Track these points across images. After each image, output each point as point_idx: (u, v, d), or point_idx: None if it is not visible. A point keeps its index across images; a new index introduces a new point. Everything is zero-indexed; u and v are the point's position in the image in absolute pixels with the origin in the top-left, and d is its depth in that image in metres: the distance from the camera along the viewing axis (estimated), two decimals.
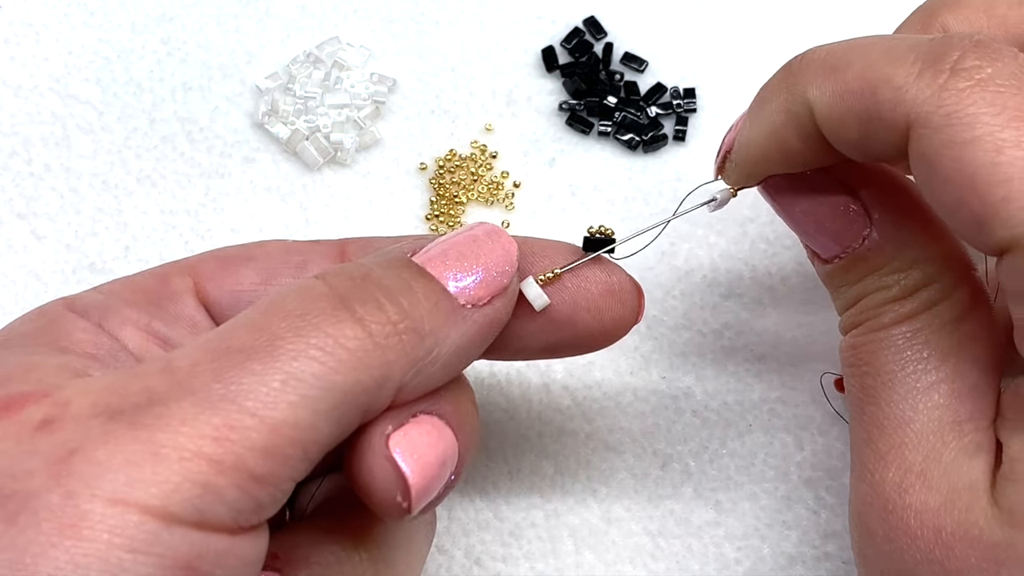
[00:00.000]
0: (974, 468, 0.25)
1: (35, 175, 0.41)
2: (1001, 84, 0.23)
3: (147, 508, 0.20)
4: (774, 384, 0.37)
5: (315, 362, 0.22)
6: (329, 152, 0.41)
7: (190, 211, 0.40)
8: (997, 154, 0.22)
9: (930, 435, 0.25)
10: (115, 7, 0.44)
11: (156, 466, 0.20)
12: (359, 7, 0.44)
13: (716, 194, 0.29)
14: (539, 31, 0.44)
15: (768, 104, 0.27)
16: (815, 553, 0.35)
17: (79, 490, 0.20)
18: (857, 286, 0.28)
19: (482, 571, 0.35)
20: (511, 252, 0.27)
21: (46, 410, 0.22)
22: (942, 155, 0.23)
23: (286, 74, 0.43)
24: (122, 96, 0.42)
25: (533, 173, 0.41)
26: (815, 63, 0.26)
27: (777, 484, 0.36)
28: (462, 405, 0.26)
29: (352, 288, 0.24)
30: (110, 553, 0.20)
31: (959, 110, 0.22)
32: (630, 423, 0.37)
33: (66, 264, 0.40)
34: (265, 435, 0.21)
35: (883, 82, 0.24)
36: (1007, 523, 0.23)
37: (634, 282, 0.29)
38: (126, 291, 0.28)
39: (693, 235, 0.40)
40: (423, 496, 0.24)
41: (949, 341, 0.26)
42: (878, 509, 0.26)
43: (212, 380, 0.22)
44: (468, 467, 0.36)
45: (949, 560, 0.24)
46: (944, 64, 0.23)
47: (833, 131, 0.25)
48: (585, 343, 0.29)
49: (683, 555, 0.35)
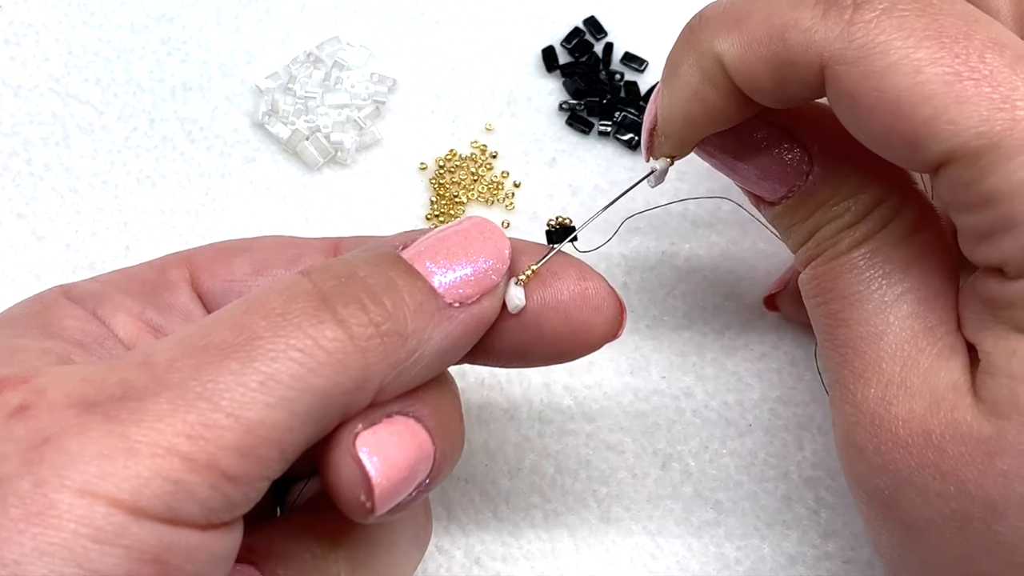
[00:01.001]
0: (952, 370, 0.25)
1: (35, 175, 0.41)
2: (904, 8, 0.23)
3: (116, 501, 0.20)
4: (774, 384, 0.37)
5: (293, 363, 0.22)
6: (329, 152, 0.41)
7: (190, 211, 0.40)
8: (916, 74, 0.22)
9: (904, 344, 0.26)
10: (115, 7, 0.44)
11: (128, 460, 0.20)
12: (359, 7, 0.44)
13: (654, 166, 0.29)
14: (539, 31, 0.44)
15: (679, 68, 0.27)
16: (815, 553, 0.35)
17: (49, 479, 0.20)
18: (809, 222, 0.28)
19: (482, 571, 0.35)
20: (503, 249, 0.26)
21: (23, 396, 0.22)
22: (862, 87, 0.23)
23: (286, 74, 0.43)
24: (122, 96, 0.42)
25: (533, 173, 0.41)
26: (716, 18, 0.26)
27: (777, 484, 0.36)
28: (442, 408, 0.25)
29: (336, 287, 0.24)
30: (76, 542, 0.20)
31: (870, 40, 0.23)
32: (630, 423, 0.37)
33: (66, 264, 0.40)
34: (240, 435, 0.21)
35: (790, 26, 0.24)
36: (993, 415, 0.24)
37: (612, 292, 0.28)
38: (123, 280, 0.28)
39: (694, 235, 0.40)
40: (388, 497, 0.24)
41: (907, 253, 0.26)
42: (865, 426, 0.26)
43: (189, 377, 0.21)
44: (468, 470, 0.36)
45: (943, 461, 0.24)
46: (845, 0, 0.24)
47: (747, 81, 0.25)
48: (552, 347, 0.27)
49: (683, 555, 0.35)
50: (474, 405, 0.37)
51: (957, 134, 0.22)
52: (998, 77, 0.22)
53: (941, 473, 0.24)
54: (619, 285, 0.39)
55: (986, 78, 0.22)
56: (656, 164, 0.29)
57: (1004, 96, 0.22)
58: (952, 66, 0.22)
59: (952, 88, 0.22)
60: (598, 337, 0.28)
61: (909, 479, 0.25)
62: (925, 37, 0.23)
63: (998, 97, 0.22)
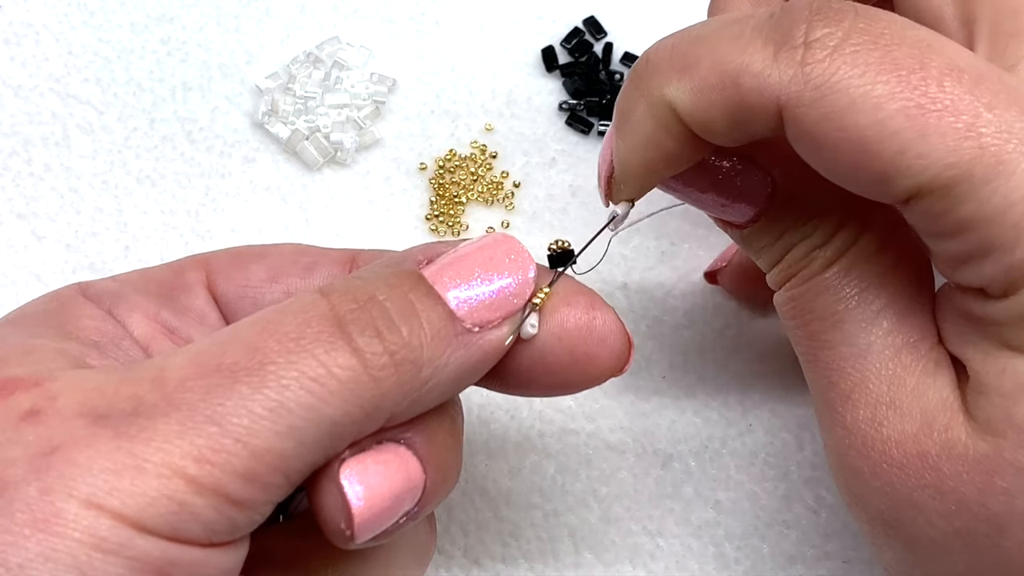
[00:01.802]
0: (941, 387, 0.25)
1: (35, 175, 0.41)
2: (855, 43, 0.23)
3: (121, 516, 0.20)
4: (775, 384, 0.37)
5: (304, 392, 0.22)
6: (329, 152, 0.41)
7: (190, 211, 0.40)
8: (877, 111, 0.22)
9: (889, 362, 0.25)
10: (115, 7, 0.44)
11: (135, 478, 0.20)
12: (359, 7, 0.44)
13: (615, 211, 0.28)
14: (539, 31, 0.44)
15: (631, 115, 0.26)
16: (815, 553, 0.35)
17: (56, 487, 0.20)
18: (778, 244, 0.27)
19: (482, 571, 0.35)
20: (528, 271, 0.25)
21: (34, 400, 0.22)
22: (823, 127, 0.23)
23: (286, 74, 0.43)
24: (122, 96, 0.42)
25: (533, 173, 0.41)
26: (663, 63, 0.25)
27: (777, 484, 0.36)
28: (437, 436, 0.25)
29: (353, 312, 0.23)
30: (80, 551, 0.20)
31: (826, 80, 0.22)
32: (631, 423, 0.37)
33: (66, 264, 0.40)
34: (246, 461, 0.21)
35: (742, 71, 0.23)
36: (988, 433, 0.24)
37: (621, 326, 0.27)
38: (140, 280, 0.28)
39: (693, 235, 0.40)
40: (369, 526, 0.23)
41: (880, 269, 0.26)
42: (858, 448, 0.26)
43: (199, 399, 0.21)
44: (469, 470, 0.36)
45: (942, 481, 0.24)
46: (795, 40, 0.23)
47: (703, 126, 0.25)
48: (554, 376, 0.26)
49: (683, 555, 0.35)
50: (475, 405, 0.37)
51: (927, 168, 0.22)
52: (960, 105, 0.22)
53: (940, 492, 0.24)
54: (619, 285, 0.39)
55: (948, 108, 0.22)
56: (617, 208, 0.28)
57: (968, 124, 0.22)
58: (913, 99, 0.22)
59: (916, 122, 0.22)
60: (602, 370, 0.27)
61: (908, 499, 0.25)
62: (881, 71, 0.22)
63: (963, 126, 0.22)
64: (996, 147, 0.22)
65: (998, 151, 0.22)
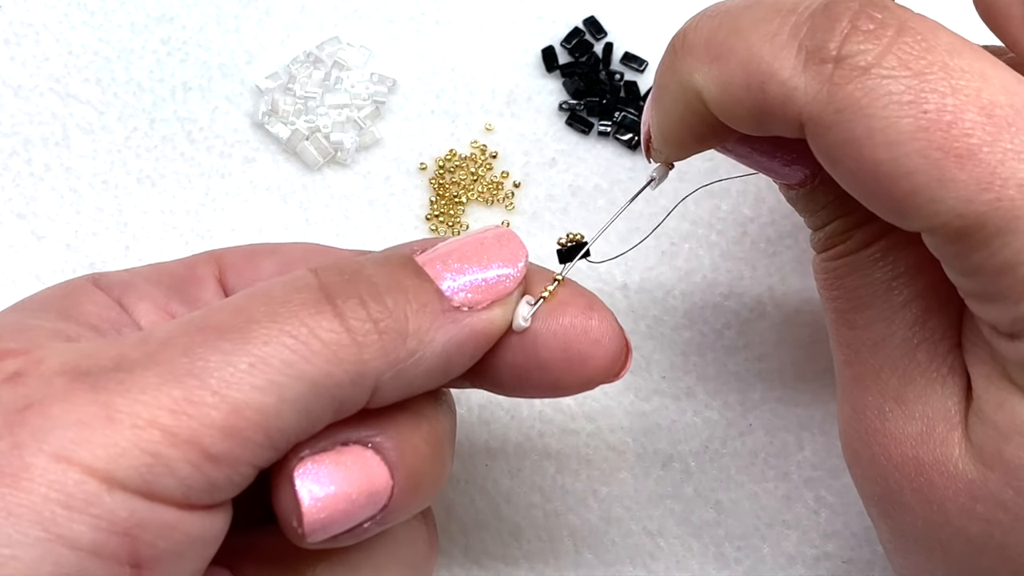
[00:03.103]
0: (948, 396, 0.25)
1: (35, 175, 0.41)
2: (889, 68, 0.22)
3: (91, 469, 0.20)
4: (775, 384, 0.37)
5: (286, 349, 0.22)
6: (329, 152, 0.41)
7: (190, 211, 0.40)
8: (896, 147, 0.21)
9: (904, 356, 0.25)
10: (115, 7, 0.44)
11: (107, 429, 0.20)
12: (359, 7, 0.44)
13: (652, 173, 0.29)
14: (539, 31, 0.44)
15: (665, 91, 0.26)
16: (815, 553, 0.35)
17: (27, 442, 0.20)
18: (823, 211, 0.27)
19: (482, 571, 0.35)
20: (520, 258, 0.26)
21: (19, 364, 0.22)
22: (841, 151, 0.22)
23: (286, 74, 0.43)
24: (122, 96, 0.42)
25: (533, 173, 0.41)
26: (697, 48, 0.24)
27: (777, 484, 0.36)
28: (411, 442, 0.25)
29: (339, 283, 0.24)
30: (44, 506, 0.20)
31: (851, 104, 0.22)
32: (631, 423, 0.37)
33: (66, 264, 0.40)
34: (225, 414, 0.21)
35: (769, 76, 0.23)
36: (978, 460, 0.23)
37: (618, 330, 0.27)
38: (152, 273, 0.28)
39: (694, 235, 0.40)
40: (321, 528, 0.23)
41: (915, 261, 0.25)
42: (861, 433, 0.26)
43: (180, 354, 0.22)
44: (469, 470, 0.36)
45: (931, 490, 0.24)
46: (828, 51, 0.22)
47: (728, 119, 0.24)
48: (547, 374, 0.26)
49: (683, 555, 0.35)
50: (475, 405, 0.37)
51: (939, 214, 0.22)
52: (983, 151, 0.21)
53: (928, 501, 0.24)
54: (619, 285, 0.39)
55: (969, 155, 0.21)
56: (654, 172, 0.29)
57: (988, 175, 0.21)
58: (934, 140, 0.21)
59: (934, 164, 0.21)
60: (596, 371, 0.27)
61: (899, 497, 0.25)
62: (908, 103, 0.21)
63: (982, 176, 0.21)
64: (1014, 200, 0.21)
65: (1014, 205, 0.21)
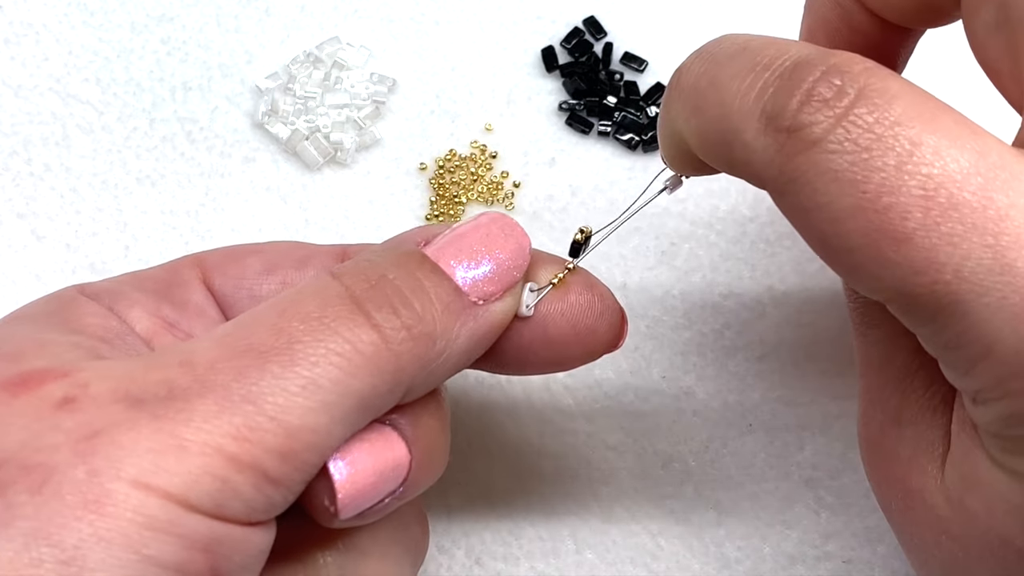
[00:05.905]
0: (935, 427, 0.25)
1: (35, 175, 0.41)
2: (837, 142, 0.21)
3: (168, 495, 0.21)
4: (775, 384, 0.37)
5: (334, 367, 0.23)
6: (329, 152, 0.41)
7: (190, 211, 0.40)
8: (836, 224, 0.21)
9: (907, 378, 0.26)
10: (115, 7, 0.44)
11: (179, 457, 0.21)
12: (359, 7, 0.44)
13: (666, 181, 0.29)
14: (539, 31, 0.44)
15: (663, 125, 0.26)
16: (815, 553, 0.35)
17: (104, 469, 0.21)
18: None
19: (482, 571, 0.35)
20: (524, 245, 0.27)
21: (66, 389, 0.22)
22: (793, 217, 0.23)
23: (286, 74, 0.43)
24: (122, 96, 0.42)
25: (533, 173, 0.41)
26: (683, 95, 0.25)
27: (777, 484, 0.36)
28: (423, 418, 0.26)
29: (368, 291, 0.24)
30: (132, 530, 0.20)
31: (798, 177, 0.22)
32: (631, 423, 0.37)
33: (66, 264, 0.40)
34: (282, 439, 0.22)
35: (735, 136, 0.23)
36: (947, 500, 0.24)
37: (615, 300, 0.29)
38: (136, 280, 0.29)
39: (693, 235, 0.40)
40: (352, 503, 0.24)
41: None
42: (866, 443, 0.27)
43: (232, 379, 0.22)
44: (469, 470, 0.36)
45: (913, 513, 0.25)
46: (784, 119, 0.22)
47: (709, 161, 0.25)
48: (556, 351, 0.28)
49: (683, 555, 0.35)
50: (474, 405, 0.37)
51: (879, 290, 0.22)
52: (916, 238, 0.21)
53: (910, 521, 0.25)
54: (619, 285, 0.39)
55: (905, 239, 0.21)
56: (667, 181, 0.29)
57: (922, 260, 0.21)
58: (873, 223, 0.21)
59: (871, 245, 0.21)
60: (601, 344, 0.28)
61: (889, 509, 0.26)
62: (849, 182, 0.21)
63: (916, 260, 0.21)
64: (950, 285, 0.21)
65: (950, 290, 0.21)
